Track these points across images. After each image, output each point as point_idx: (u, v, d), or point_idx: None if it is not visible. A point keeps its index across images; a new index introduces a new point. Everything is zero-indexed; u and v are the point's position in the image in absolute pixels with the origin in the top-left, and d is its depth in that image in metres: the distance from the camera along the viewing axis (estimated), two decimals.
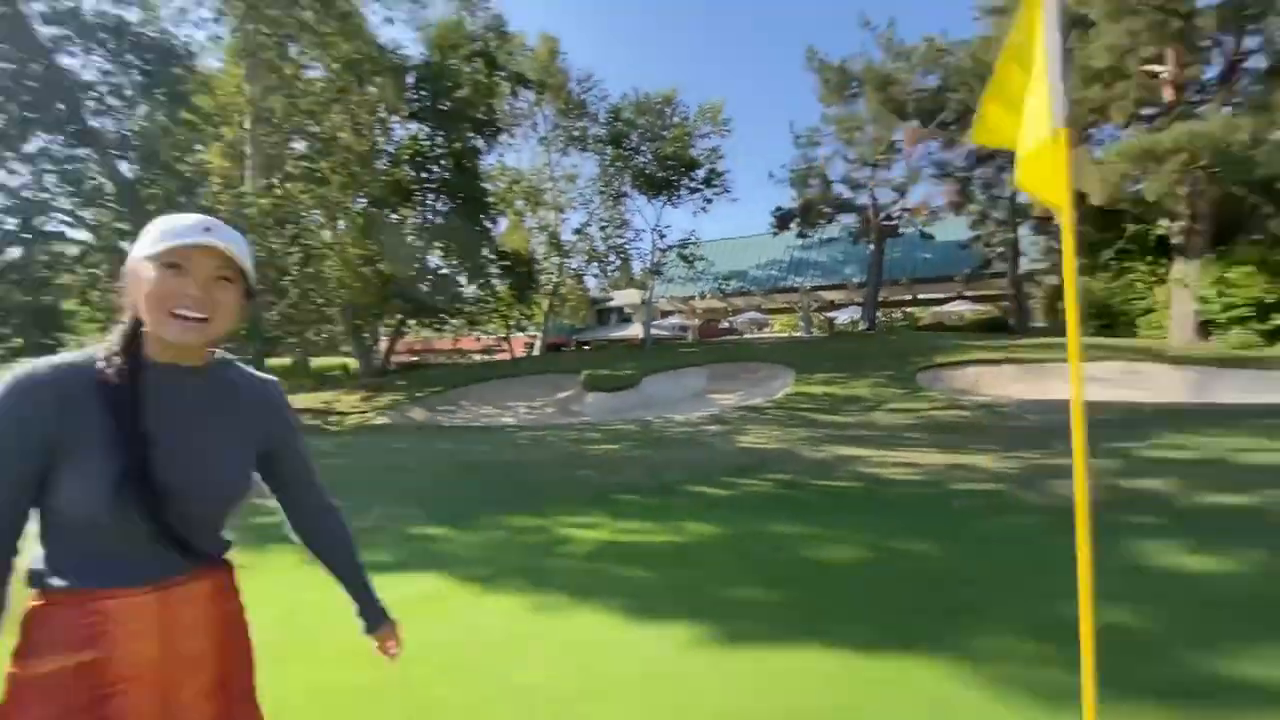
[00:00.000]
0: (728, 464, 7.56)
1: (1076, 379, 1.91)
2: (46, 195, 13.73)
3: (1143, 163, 15.53)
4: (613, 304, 44.27)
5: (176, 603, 1.07)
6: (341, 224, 21.96)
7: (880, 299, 29.82)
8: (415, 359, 37.70)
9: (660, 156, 25.06)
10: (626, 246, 29.74)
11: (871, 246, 27.85)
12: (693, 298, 38.24)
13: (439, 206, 23.67)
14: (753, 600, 3.54)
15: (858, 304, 32.72)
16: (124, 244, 13.83)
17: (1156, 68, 16.86)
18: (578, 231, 30.24)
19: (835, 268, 34.70)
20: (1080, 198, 18.64)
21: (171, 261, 1.01)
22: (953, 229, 31.37)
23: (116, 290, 1.08)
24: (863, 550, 4.29)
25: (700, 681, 2.67)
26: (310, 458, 1.29)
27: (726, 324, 41.42)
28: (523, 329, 35.50)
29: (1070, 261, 1.94)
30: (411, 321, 25.11)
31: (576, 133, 27.84)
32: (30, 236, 13.31)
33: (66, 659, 1.00)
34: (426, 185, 23.32)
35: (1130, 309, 20.42)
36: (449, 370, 25.25)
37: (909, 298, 37.21)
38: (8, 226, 13.10)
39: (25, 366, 1.01)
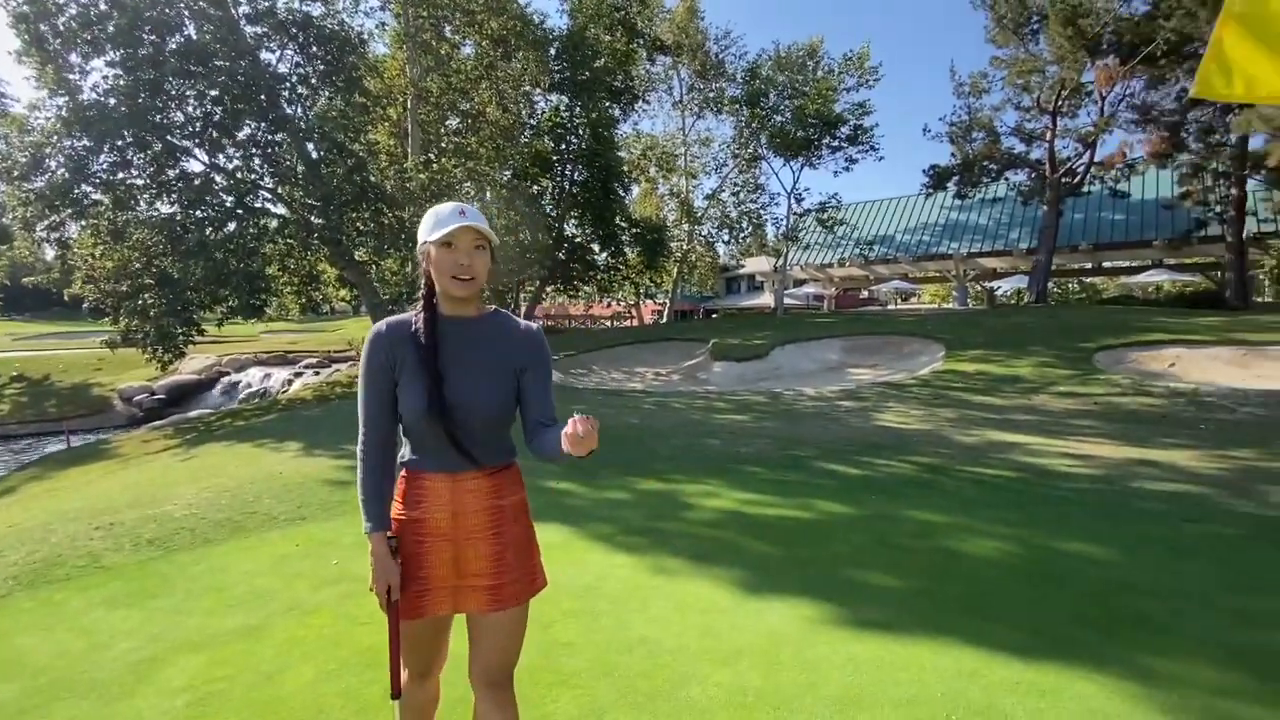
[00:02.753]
0: (863, 442, 7.17)
1: None
2: (254, 176, 16.00)
3: None
4: (743, 272, 43.32)
5: (462, 490, 1.54)
6: (489, 195, 23.40)
7: (1053, 267, 26.23)
8: (550, 324, 39.76)
9: (800, 115, 23.62)
10: (760, 212, 28.71)
11: (1045, 207, 24.51)
12: (830, 265, 36.20)
13: (575, 176, 24.37)
14: (885, 586, 3.35)
15: (1024, 273, 29.17)
16: (312, 218, 15.83)
17: None
18: (710, 197, 29.70)
19: (999, 232, 30.99)
20: None
21: (446, 241, 1.46)
22: (1152, 185, 26.73)
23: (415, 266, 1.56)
24: (1017, 547, 3.88)
25: (823, 660, 2.60)
26: (551, 393, 1.62)
27: (867, 294, 38.94)
28: (651, 296, 35.95)
29: None
30: (548, 288, 26.36)
31: (712, 94, 27.09)
32: (242, 213, 15.63)
33: (408, 512, 1.55)
34: (565, 155, 24.07)
35: None
36: (582, 334, 26.32)
37: (1089, 266, 32.50)
38: (226, 204, 15.47)
39: (377, 324, 1.55)
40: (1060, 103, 23.23)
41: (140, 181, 14.74)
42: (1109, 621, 2.88)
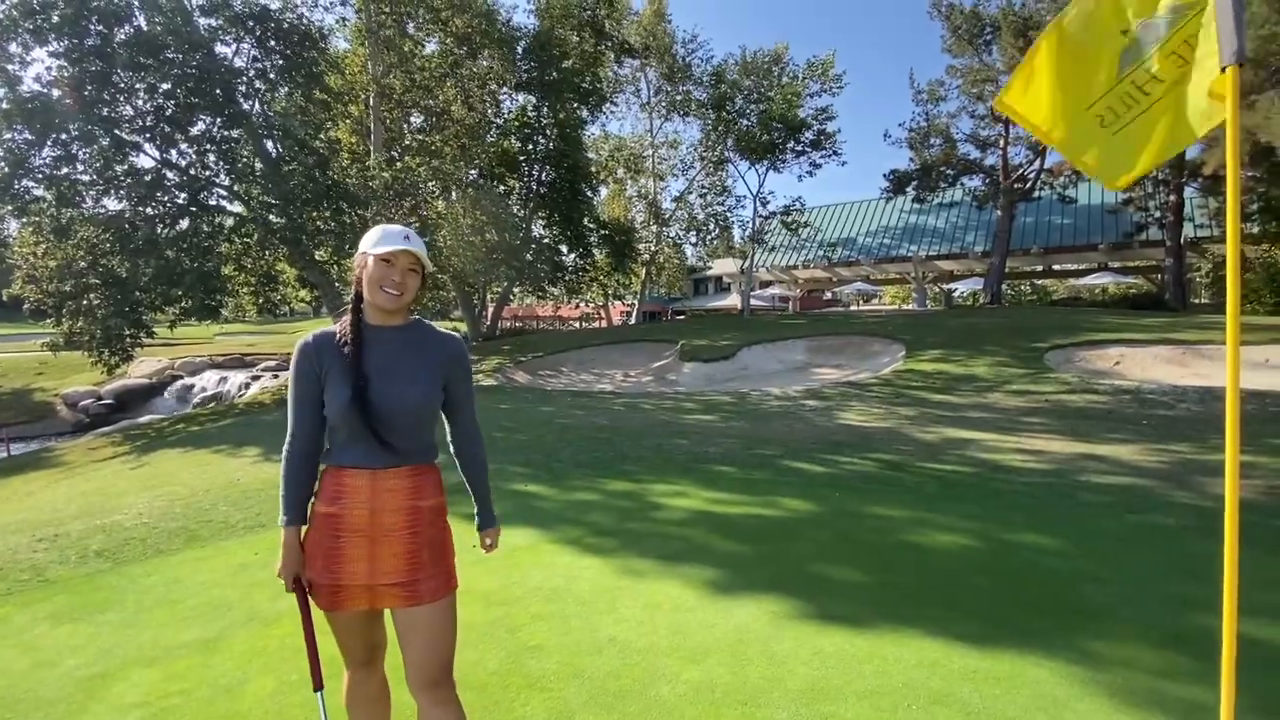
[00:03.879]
0: (827, 441, 7.31)
1: (1233, 357, 1.71)
2: (209, 173, 15.46)
3: None
4: (710, 273, 43.67)
5: (382, 487, 1.60)
6: (454, 195, 23.09)
7: (1006, 270, 27.17)
8: (519, 325, 39.40)
9: (765, 119, 23.97)
10: (726, 214, 29.03)
11: (999, 212, 25.39)
12: (795, 267, 36.81)
13: (543, 176, 24.23)
14: (849, 581, 3.43)
15: (979, 275, 30.14)
16: (271, 216, 15.39)
17: None
18: (677, 199, 29.90)
19: (955, 235, 32.00)
20: (1267, 152, 15.91)
21: (386, 258, 1.59)
22: (1097, 191, 27.93)
23: (351, 273, 1.77)
24: (973, 540, 4.02)
25: (789, 654, 2.65)
26: (473, 395, 1.79)
27: (830, 295, 39.69)
28: (620, 297, 36.00)
29: (1234, 223, 1.77)
30: (516, 288, 26.14)
31: (679, 98, 27.27)
32: (196, 210, 15.08)
33: (326, 508, 1.61)
34: (532, 156, 23.90)
35: None
36: (551, 336, 26.18)
37: (1040, 269, 33.79)
38: (179, 201, 14.91)
39: (305, 335, 1.65)
40: None
41: (86, 177, 14.10)
42: (1059, 610, 3.01)
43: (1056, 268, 33.21)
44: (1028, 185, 24.88)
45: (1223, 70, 1.66)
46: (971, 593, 3.21)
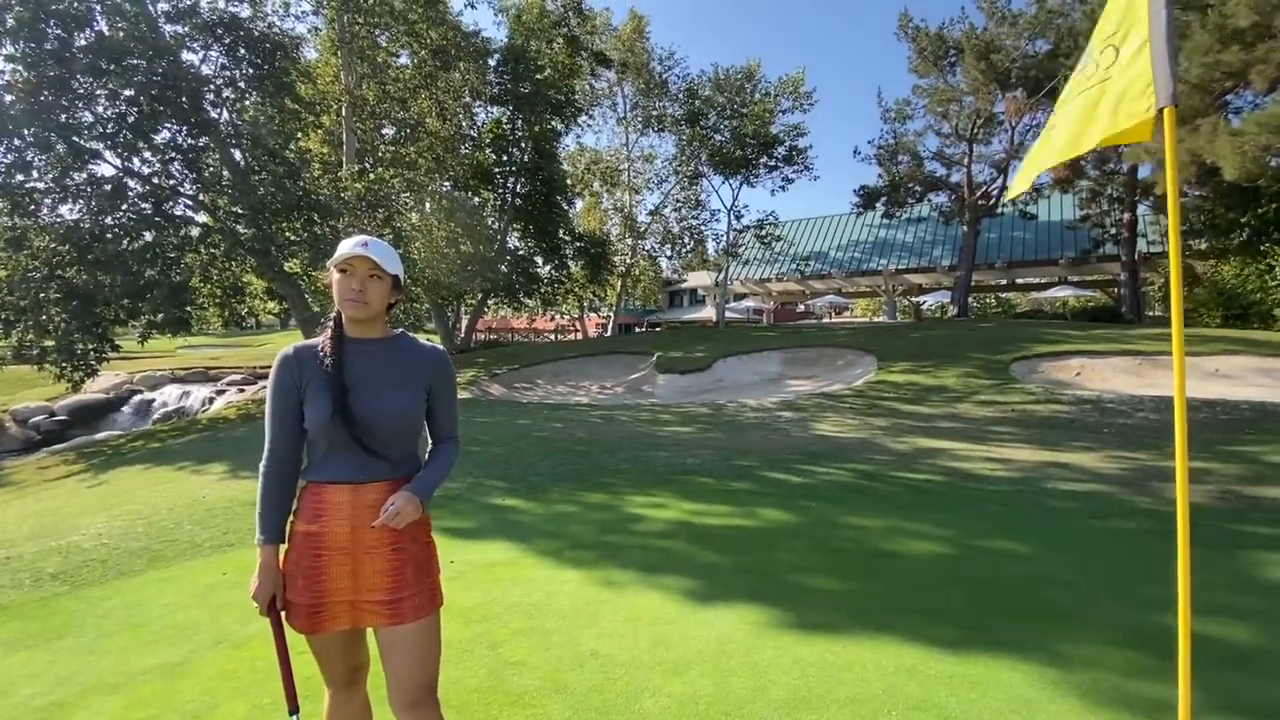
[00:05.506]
0: (803, 451, 7.40)
1: (1179, 368, 1.83)
2: (173, 182, 15.08)
3: None
4: (685, 285, 43.98)
5: (363, 502, 1.57)
6: (428, 206, 22.91)
7: (972, 283, 27.95)
8: (494, 337, 39.09)
9: (739, 135, 24.40)
10: (701, 228, 29.36)
11: (964, 227, 26.14)
12: (769, 280, 37.34)
13: (518, 189, 24.21)
14: (827, 589, 3.47)
15: (947, 288, 30.92)
16: (239, 226, 15.05)
17: None
18: (653, 213, 30.13)
19: (923, 249, 32.84)
20: (1211, 172, 16.70)
21: (343, 268, 1.59)
22: (1056, 208, 28.97)
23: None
24: (945, 547, 4.10)
25: (771, 664, 2.67)
26: (455, 404, 1.78)
27: (804, 307, 40.27)
28: (595, 309, 36.02)
29: (1175, 244, 1.89)
30: (490, 301, 25.97)
31: (655, 113, 27.58)
32: (160, 220, 14.68)
33: (306, 526, 1.58)
34: (507, 168, 23.87)
35: (1267, 298, 18.20)
36: (526, 348, 26.02)
37: (1004, 282, 34.82)
38: (144, 211, 14.49)
39: (285, 348, 1.63)
40: (976, 131, 24.91)
41: (42, 185, 13.63)
42: (1030, 613, 3.09)
43: (1019, 281, 34.24)
44: (991, 202, 25.68)
45: (1159, 112, 1.77)
46: (946, 599, 3.28)
